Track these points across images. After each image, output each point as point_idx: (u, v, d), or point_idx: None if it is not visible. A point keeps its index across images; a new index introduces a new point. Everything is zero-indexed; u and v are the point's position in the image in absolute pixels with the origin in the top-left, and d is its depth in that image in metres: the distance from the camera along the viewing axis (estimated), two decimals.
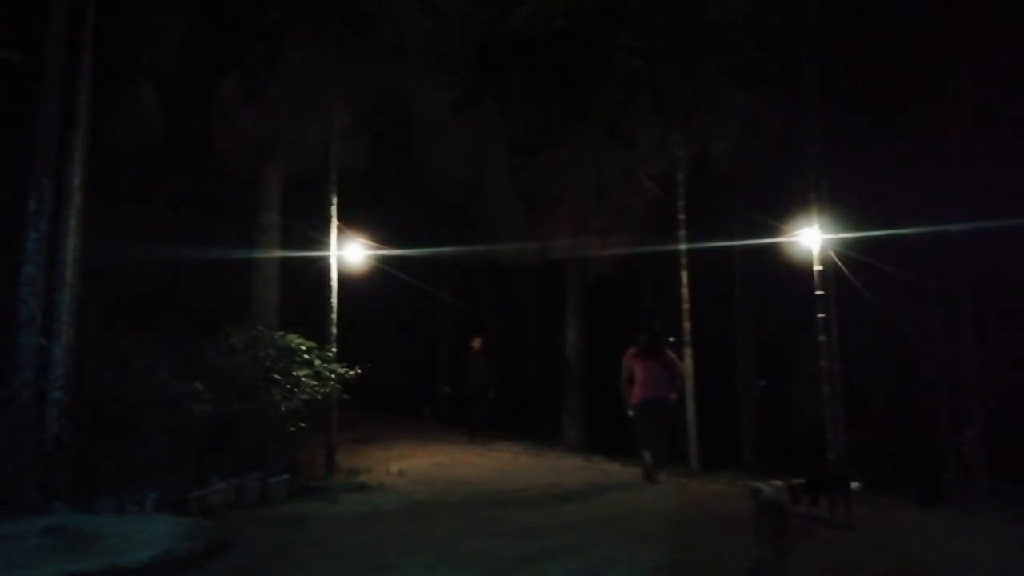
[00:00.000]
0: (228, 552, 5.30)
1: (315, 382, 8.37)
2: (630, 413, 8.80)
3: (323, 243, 9.76)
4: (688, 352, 12.15)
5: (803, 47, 11.81)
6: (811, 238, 11.16)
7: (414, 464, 9.79)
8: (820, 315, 11.22)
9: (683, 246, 12.38)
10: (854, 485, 9.13)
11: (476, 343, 13.34)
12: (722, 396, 15.94)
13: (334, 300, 9.60)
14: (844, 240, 11.47)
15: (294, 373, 8.20)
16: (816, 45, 11.82)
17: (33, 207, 6.75)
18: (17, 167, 6.96)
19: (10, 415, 6.44)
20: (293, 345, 8.56)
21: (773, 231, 12.10)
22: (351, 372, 8.88)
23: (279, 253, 11.83)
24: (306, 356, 8.55)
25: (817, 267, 11.14)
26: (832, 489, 6.47)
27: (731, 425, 16.49)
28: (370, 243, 11.14)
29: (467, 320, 17.36)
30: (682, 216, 12.44)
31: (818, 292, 11.18)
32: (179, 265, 12.13)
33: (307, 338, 8.78)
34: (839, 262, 11.50)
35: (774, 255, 12.66)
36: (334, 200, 9.71)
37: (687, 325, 12.17)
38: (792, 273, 12.30)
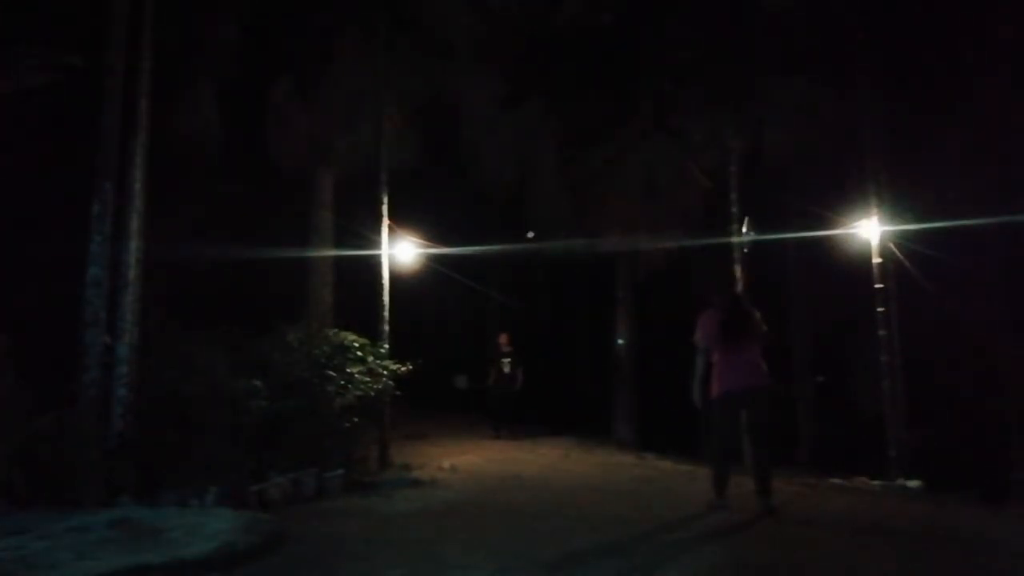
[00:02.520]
0: (286, 545, 5.39)
1: (368, 379, 8.47)
2: (706, 405, 6.57)
3: (375, 242, 9.87)
4: None
5: (859, 32, 11.52)
6: (869, 230, 10.89)
7: (465, 460, 9.84)
8: (880, 309, 10.95)
9: (736, 239, 12.19)
10: (912, 483, 8.91)
11: (503, 339, 13.36)
12: (778, 393, 15.65)
13: (386, 298, 9.71)
14: (905, 232, 11.16)
15: (348, 370, 8.30)
16: (873, 29, 11.51)
17: (96, 210, 6.96)
18: (80, 171, 7.19)
19: (78, 412, 6.66)
20: (347, 342, 8.67)
21: (830, 223, 11.84)
22: (403, 368, 8.96)
23: (332, 252, 12.01)
24: (359, 353, 8.65)
25: (876, 260, 10.86)
26: None
27: (787, 422, 16.18)
28: (420, 241, 11.24)
29: (517, 317, 17.37)
30: (735, 209, 12.25)
31: (877, 286, 10.90)
32: (236, 264, 12.40)
33: (360, 335, 8.89)
34: (899, 254, 11.20)
35: (831, 248, 12.38)
36: (385, 199, 9.82)
37: None
38: (850, 266, 12.01)
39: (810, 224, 12.80)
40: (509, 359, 13.20)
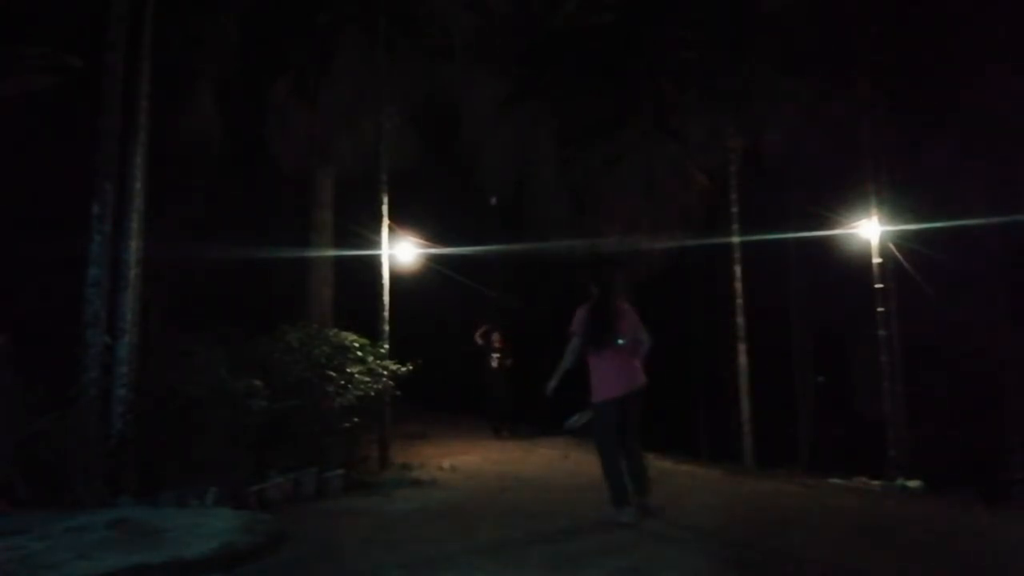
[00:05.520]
0: (286, 545, 5.40)
1: (368, 379, 8.47)
2: (587, 413, 6.32)
3: (375, 242, 9.88)
4: (742, 348, 11.97)
5: (859, 31, 11.52)
6: (869, 230, 10.89)
7: (465, 460, 9.84)
8: (880, 309, 10.96)
9: (736, 239, 12.20)
10: (912, 483, 8.88)
11: (495, 338, 13.24)
12: (778, 393, 15.67)
13: (386, 298, 9.71)
14: (905, 232, 11.17)
15: (348, 370, 8.30)
16: (873, 27, 11.52)
17: (96, 210, 6.96)
18: (80, 171, 7.19)
19: (78, 412, 6.67)
20: (347, 342, 8.67)
21: (830, 223, 11.85)
22: (403, 368, 8.96)
23: (333, 252, 12.01)
24: (359, 353, 8.65)
25: (876, 260, 10.87)
26: None
27: (787, 422, 16.19)
28: (421, 241, 11.25)
29: (517, 317, 17.36)
30: (735, 209, 12.25)
31: (877, 286, 10.91)
32: (236, 264, 12.41)
33: (360, 335, 8.89)
34: (899, 254, 11.21)
35: (831, 248, 12.39)
36: (385, 199, 9.83)
37: (741, 320, 11.99)
38: (850, 266, 12.02)
39: (810, 224, 12.82)
40: (499, 355, 13.12)
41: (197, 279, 12.04)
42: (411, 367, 8.98)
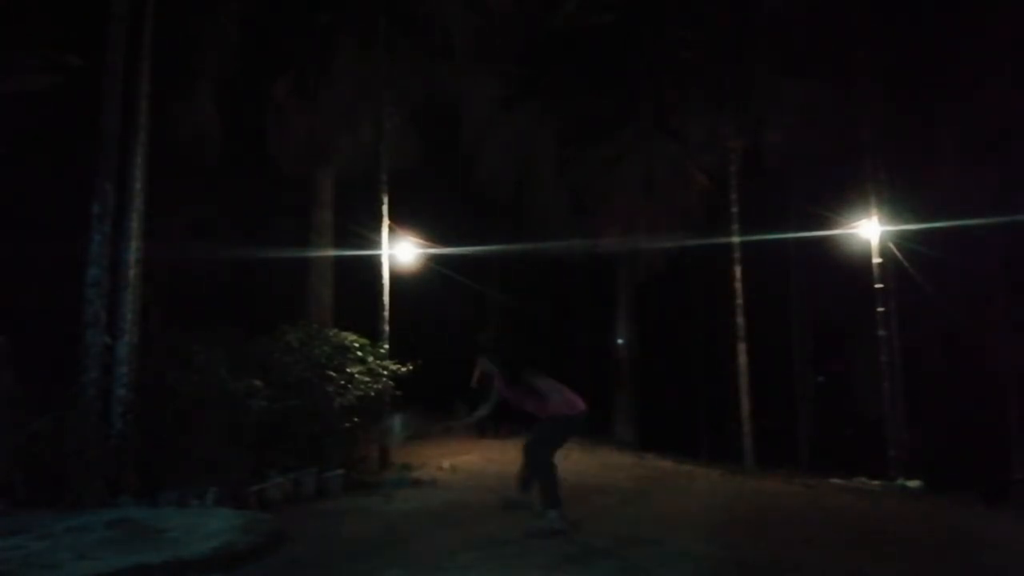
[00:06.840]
0: (286, 545, 5.39)
1: (368, 379, 8.47)
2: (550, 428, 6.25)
3: (375, 242, 9.88)
4: (742, 348, 11.98)
5: (859, 31, 11.53)
6: (869, 230, 10.89)
7: (465, 460, 9.84)
8: (880, 309, 10.96)
9: (736, 239, 12.20)
10: (912, 483, 8.90)
11: None
12: (778, 393, 15.67)
13: (386, 298, 9.71)
14: (905, 232, 11.17)
15: (348, 370, 8.30)
16: (872, 27, 11.52)
17: (96, 210, 6.96)
18: (80, 171, 7.19)
19: (78, 412, 6.66)
20: (347, 342, 8.67)
21: (830, 223, 11.85)
22: (403, 369, 8.96)
23: (333, 252, 12.01)
24: (359, 353, 8.65)
25: (876, 260, 10.87)
26: None
27: (787, 422, 16.20)
28: (421, 241, 11.24)
29: (517, 317, 17.36)
30: (735, 209, 12.26)
31: (877, 286, 10.91)
32: (236, 264, 12.40)
33: (360, 335, 8.89)
34: (899, 254, 11.22)
35: (831, 248, 12.39)
36: (385, 199, 9.83)
37: (741, 320, 12.00)
38: (850, 266, 12.02)
39: (810, 224, 12.81)
40: None
41: (197, 279, 12.04)
42: (411, 367, 8.98)
